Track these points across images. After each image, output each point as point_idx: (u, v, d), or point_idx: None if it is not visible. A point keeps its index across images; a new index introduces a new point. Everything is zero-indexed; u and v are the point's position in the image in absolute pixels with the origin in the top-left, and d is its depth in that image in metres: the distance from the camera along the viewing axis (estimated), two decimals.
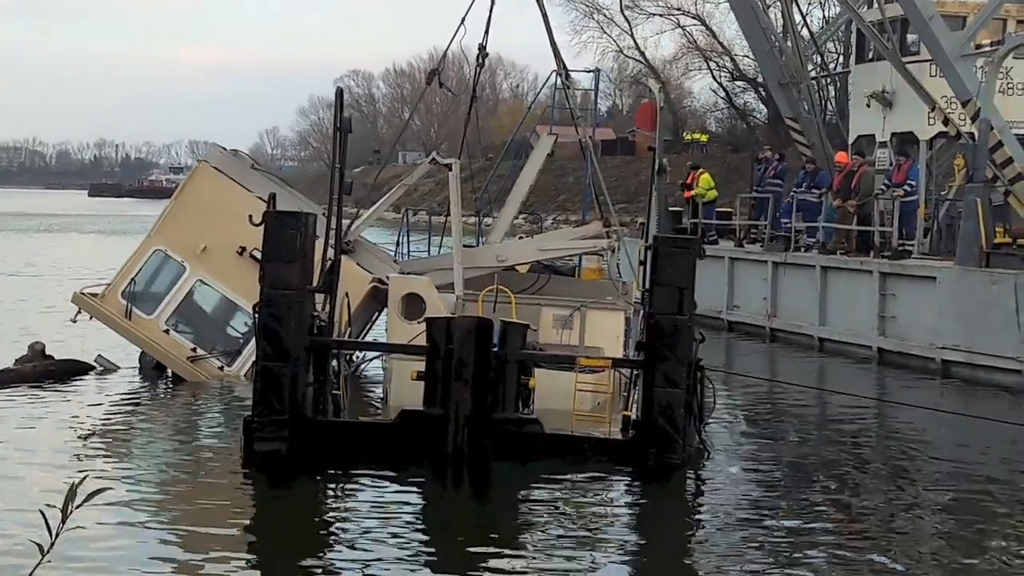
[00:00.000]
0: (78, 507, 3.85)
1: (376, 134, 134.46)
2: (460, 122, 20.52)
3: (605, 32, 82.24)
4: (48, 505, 3.99)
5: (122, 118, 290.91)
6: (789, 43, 31.14)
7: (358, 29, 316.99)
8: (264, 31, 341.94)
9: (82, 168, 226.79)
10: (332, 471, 13.11)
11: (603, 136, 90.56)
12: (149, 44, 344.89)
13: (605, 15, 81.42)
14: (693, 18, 75.72)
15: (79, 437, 14.87)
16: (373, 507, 12.08)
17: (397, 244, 21.74)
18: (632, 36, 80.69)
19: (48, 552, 3.89)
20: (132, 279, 18.73)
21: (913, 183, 24.99)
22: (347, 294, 15.50)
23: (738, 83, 75.60)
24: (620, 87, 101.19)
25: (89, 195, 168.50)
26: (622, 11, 78.94)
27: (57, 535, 3.87)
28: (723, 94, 79.73)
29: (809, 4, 64.62)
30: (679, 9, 76.21)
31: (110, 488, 11.50)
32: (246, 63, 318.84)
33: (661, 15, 77.66)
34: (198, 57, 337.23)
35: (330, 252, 14.08)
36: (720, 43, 73.88)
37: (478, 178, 27.04)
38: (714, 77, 78.15)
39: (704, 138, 79.50)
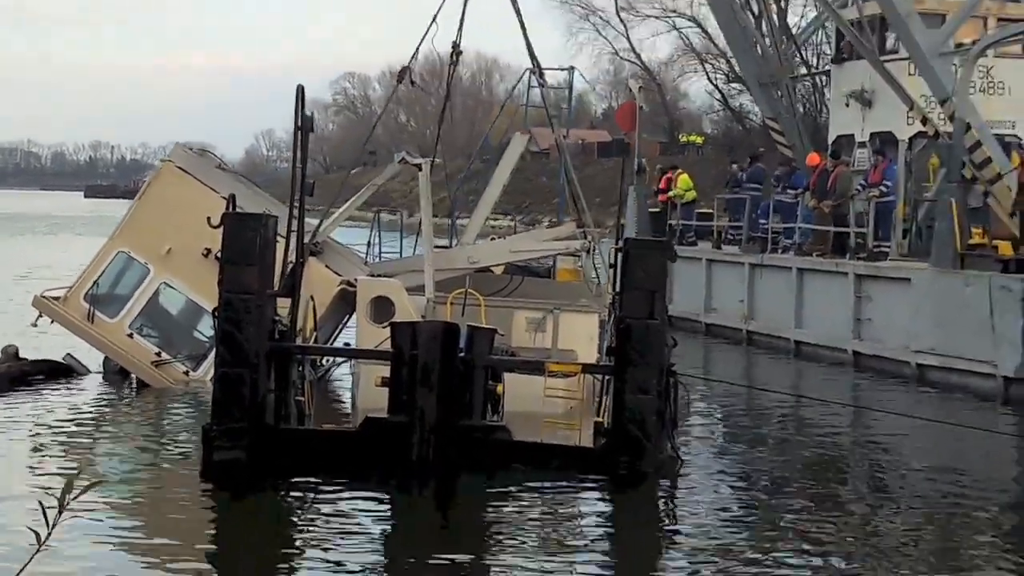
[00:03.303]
0: (75, 498, 3.86)
1: (372, 136, 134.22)
2: (456, 123, 20.28)
3: (601, 34, 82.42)
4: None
5: (118, 120, 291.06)
6: (768, 42, 30.91)
7: (355, 31, 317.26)
8: (260, 32, 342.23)
9: (77, 169, 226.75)
10: (294, 481, 12.79)
11: (599, 138, 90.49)
12: (146, 45, 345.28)
13: (601, 17, 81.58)
14: (689, 20, 75.75)
15: (34, 448, 14.60)
16: (335, 517, 11.79)
17: (368, 245, 21.46)
18: (628, 38, 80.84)
19: (44, 541, 3.93)
20: (95, 282, 18.32)
21: (889, 183, 24.66)
22: (312, 297, 15.26)
23: (734, 85, 75.36)
24: (616, 89, 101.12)
25: (84, 196, 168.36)
26: (618, 13, 79.04)
27: (54, 526, 3.86)
28: (719, 96, 79.64)
29: (804, 6, 64.52)
30: (675, 11, 76.27)
31: (104, 480, 11.38)
32: (242, 64, 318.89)
33: (657, 17, 77.80)
34: (194, 59, 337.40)
35: (292, 255, 13.84)
36: (716, 45, 73.75)
37: (473, 179, 26.82)
38: (710, 79, 78.17)
39: (700, 140, 79.51)
